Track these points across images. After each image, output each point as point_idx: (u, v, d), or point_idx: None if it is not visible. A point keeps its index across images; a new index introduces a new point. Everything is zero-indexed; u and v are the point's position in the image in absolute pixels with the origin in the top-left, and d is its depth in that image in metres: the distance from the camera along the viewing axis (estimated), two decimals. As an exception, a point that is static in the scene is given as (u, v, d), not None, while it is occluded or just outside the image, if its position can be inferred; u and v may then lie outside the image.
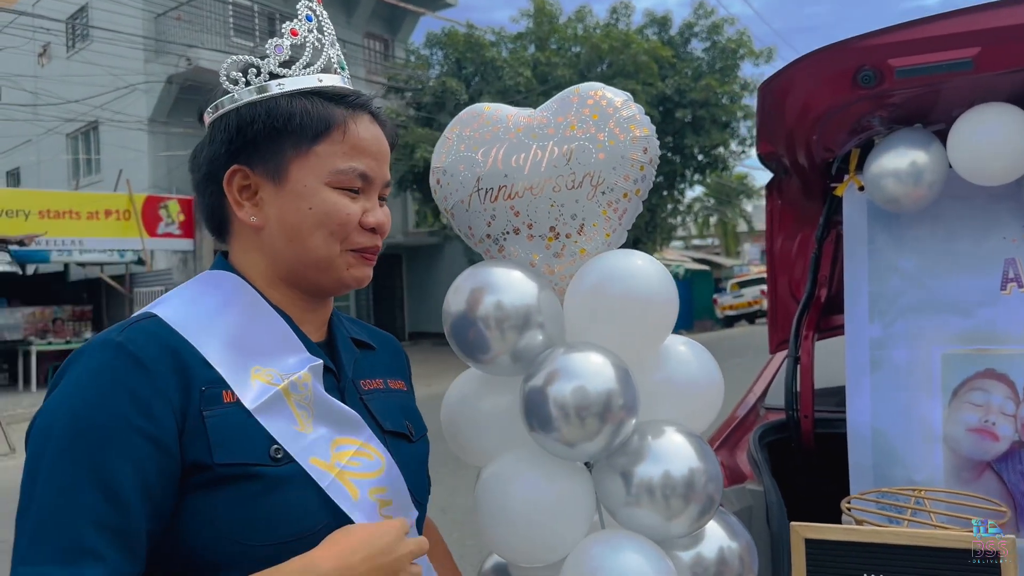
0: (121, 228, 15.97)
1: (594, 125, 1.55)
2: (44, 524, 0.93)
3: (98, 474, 0.95)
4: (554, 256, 1.59)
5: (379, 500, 1.15)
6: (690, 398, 1.63)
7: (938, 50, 2.01)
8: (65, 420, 0.98)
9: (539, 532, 1.49)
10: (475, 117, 1.66)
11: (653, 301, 1.52)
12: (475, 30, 19.93)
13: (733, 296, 29.96)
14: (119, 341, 1.03)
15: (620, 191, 1.55)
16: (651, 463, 1.46)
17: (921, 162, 2.20)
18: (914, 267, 2.38)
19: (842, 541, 1.75)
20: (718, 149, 21.21)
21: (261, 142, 1.17)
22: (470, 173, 1.60)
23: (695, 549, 1.57)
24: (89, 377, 1.00)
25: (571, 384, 1.39)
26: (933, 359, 2.30)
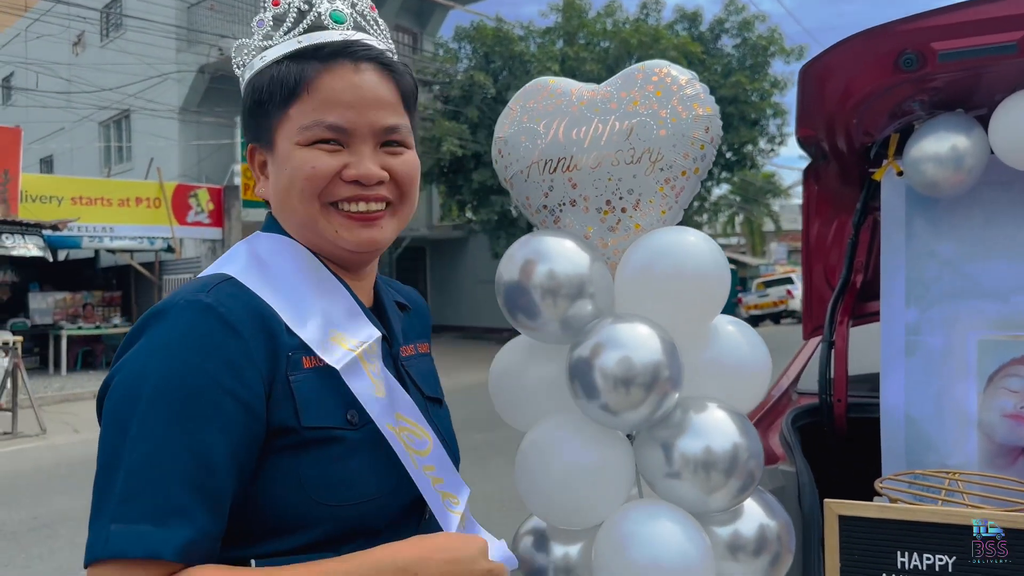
0: (151, 216, 16.16)
1: (657, 102, 1.56)
2: (135, 483, 0.92)
3: (191, 436, 0.95)
4: (608, 230, 1.61)
5: (431, 477, 1.16)
6: (737, 378, 1.64)
7: (981, 33, 2.01)
8: (156, 380, 0.97)
9: (577, 496, 1.52)
10: (539, 89, 1.68)
11: (703, 279, 1.53)
12: (504, 24, 19.92)
13: (758, 296, 29.79)
14: (208, 303, 1.02)
15: (679, 168, 1.56)
16: (693, 437, 1.48)
17: (962, 147, 2.19)
18: (951, 253, 2.37)
19: (876, 519, 1.76)
20: (747, 147, 21.09)
21: (254, 118, 1.18)
22: (531, 144, 1.62)
23: (733, 525, 1.58)
24: (180, 338, 0.99)
25: (617, 353, 1.42)
26: (969, 345, 2.30)
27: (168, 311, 1.02)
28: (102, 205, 15.66)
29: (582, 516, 1.57)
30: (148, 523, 0.91)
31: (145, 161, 17.66)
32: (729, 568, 1.59)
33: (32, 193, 14.85)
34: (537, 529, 1.71)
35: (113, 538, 0.90)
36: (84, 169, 20.35)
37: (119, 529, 0.91)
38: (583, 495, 1.52)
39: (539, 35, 20.30)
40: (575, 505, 1.54)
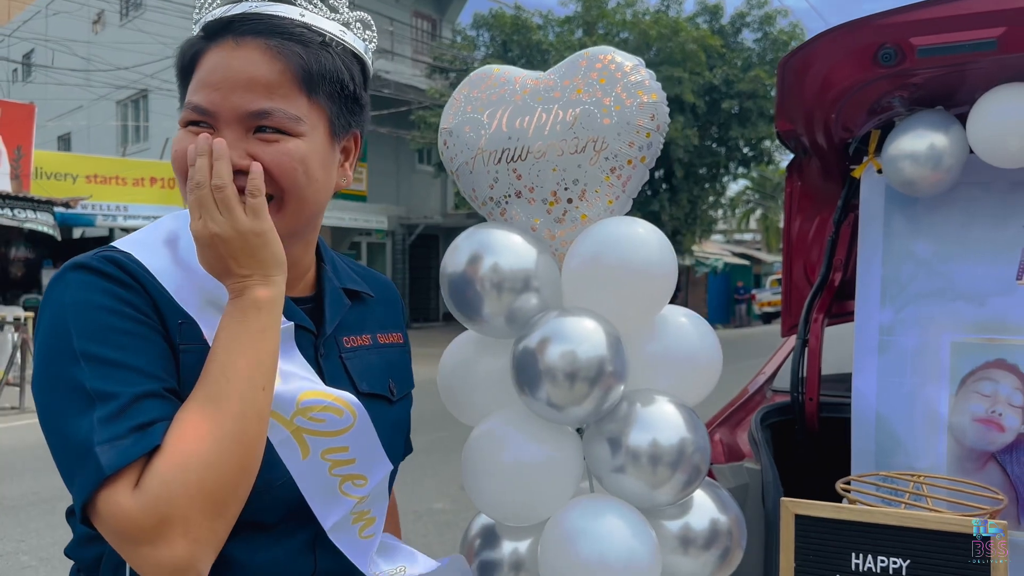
0: (165, 196, 16.25)
1: (601, 89, 1.53)
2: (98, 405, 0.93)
3: (121, 351, 0.96)
4: (555, 221, 1.59)
5: (332, 460, 1.12)
6: (686, 370, 1.62)
7: (961, 29, 1.97)
8: (67, 325, 0.97)
9: (524, 493, 1.51)
10: (483, 78, 1.66)
11: (651, 270, 1.51)
12: (522, 12, 19.86)
13: (772, 292, 29.66)
14: (90, 264, 1.01)
15: (624, 157, 1.53)
16: (639, 430, 1.46)
17: (940, 145, 2.15)
18: (929, 253, 2.33)
19: (832, 519, 1.74)
20: (764, 142, 20.95)
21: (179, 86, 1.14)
22: (475, 135, 1.60)
23: (683, 519, 1.58)
24: (74, 291, 0.99)
25: (561, 347, 1.40)
26: (942, 346, 2.27)
27: (62, 276, 1.01)
28: (116, 184, 15.76)
29: (529, 513, 1.55)
30: (130, 434, 0.91)
31: (161, 141, 17.74)
32: (679, 562, 1.58)
33: (47, 170, 14.96)
34: (487, 525, 1.70)
35: (105, 457, 0.89)
36: (101, 148, 20.46)
37: (105, 449, 0.89)
38: (530, 492, 1.51)
39: (558, 24, 20.24)
40: (522, 502, 1.52)
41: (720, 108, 19.33)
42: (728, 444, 2.55)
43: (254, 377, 0.98)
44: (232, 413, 0.95)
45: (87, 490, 0.89)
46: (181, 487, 0.89)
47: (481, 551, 1.66)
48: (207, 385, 0.96)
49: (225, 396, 0.95)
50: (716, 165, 21.15)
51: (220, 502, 0.93)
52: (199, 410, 0.94)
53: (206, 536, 0.91)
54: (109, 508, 0.89)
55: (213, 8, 1.10)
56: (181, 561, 0.89)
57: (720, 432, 2.62)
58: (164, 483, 0.89)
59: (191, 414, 0.94)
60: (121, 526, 0.89)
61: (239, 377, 0.97)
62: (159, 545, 0.88)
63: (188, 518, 0.89)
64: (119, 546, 0.92)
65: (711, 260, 28.65)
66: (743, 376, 3.24)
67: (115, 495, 0.89)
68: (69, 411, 0.93)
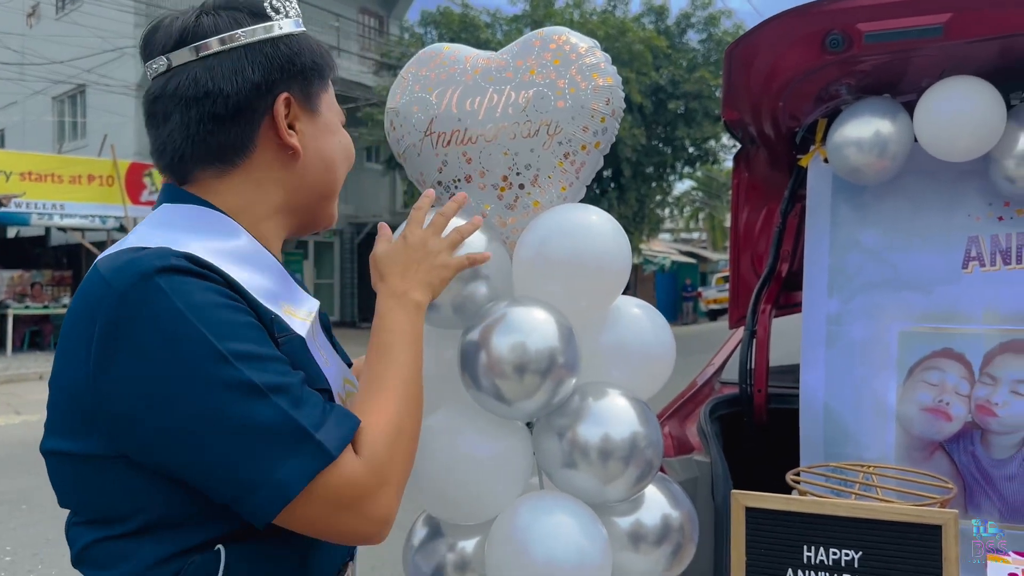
0: (104, 194, 15.81)
1: (555, 71, 1.46)
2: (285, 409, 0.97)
3: None
4: (506, 207, 1.53)
5: None
6: (640, 362, 1.58)
7: (908, 15, 1.96)
8: (197, 330, 0.93)
9: (471, 490, 1.44)
10: (432, 57, 1.59)
11: (604, 260, 1.45)
12: (470, 10, 19.79)
13: (717, 290, 30.03)
14: (179, 266, 0.97)
15: (578, 142, 1.47)
16: (591, 425, 1.41)
17: (886, 132, 2.14)
18: (876, 242, 2.32)
19: (782, 511, 1.71)
20: (709, 142, 21.17)
21: (306, 74, 1.18)
22: (423, 115, 1.53)
23: (635, 515, 1.53)
24: (181, 296, 0.94)
25: (511, 339, 1.34)
26: (890, 336, 2.26)
27: (147, 284, 0.94)
28: (52, 182, 15.27)
29: (475, 511, 1.48)
30: (329, 417, 1.01)
31: (99, 138, 17.24)
32: (630, 559, 1.53)
33: (-22, 167, 14.48)
34: (432, 523, 1.63)
35: (327, 439, 0.97)
36: (37, 144, 19.84)
37: (325, 433, 0.97)
38: (476, 489, 1.44)
39: (506, 23, 20.20)
40: (468, 499, 1.45)
41: (666, 108, 19.47)
42: (677, 437, 2.52)
43: (417, 368, 1.18)
44: (410, 397, 1.13)
45: (311, 473, 0.95)
46: (394, 453, 1.06)
47: (424, 550, 1.59)
48: (386, 375, 1.13)
49: (403, 383, 1.13)
50: (663, 164, 21.29)
51: (410, 463, 1.11)
52: (386, 394, 1.11)
53: (402, 491, 1.09)
54: (341, 479, 0.97)
55: (297, 17, 1.21)
56: (391, 512, 1.04)
57: (669, 425, 2.58)
58: (383, 450, 1.04)
59: (380, 397, 1.10)
60: (351, 491, 0.99)
61: (410, 367, 1.16)
62: (378, 501, 1.02)
63: (399, 477, 1.06)
64: (336, 512, 0.98)
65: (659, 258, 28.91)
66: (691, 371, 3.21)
67: (345, 468, 0.98)
68: (242, 409, 0.93)
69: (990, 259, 2.20)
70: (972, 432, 2.15)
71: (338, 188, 1.26)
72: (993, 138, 2.06)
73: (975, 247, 2.22)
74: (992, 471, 2.12)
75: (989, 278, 2.19)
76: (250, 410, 0.93)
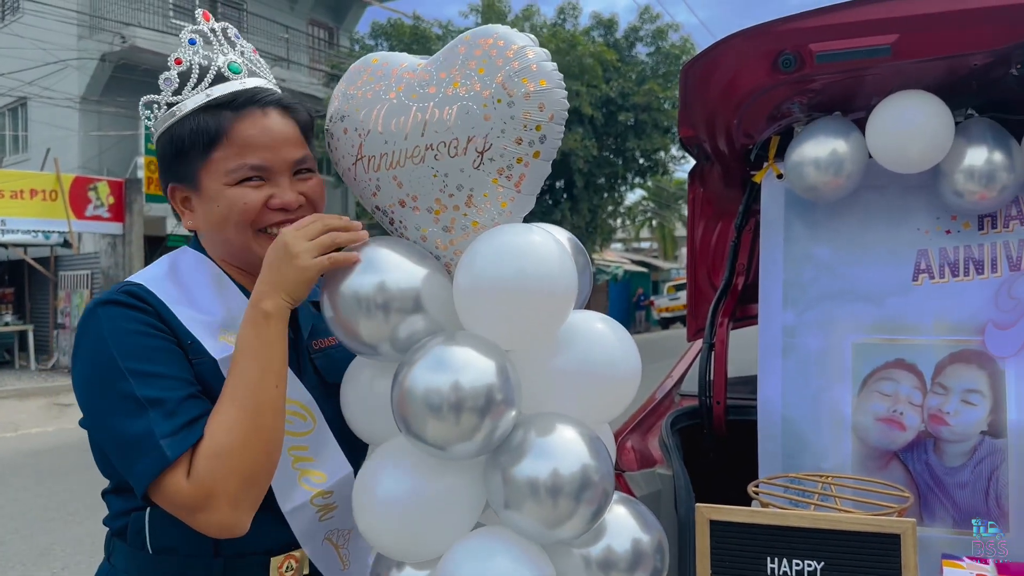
0: (47, 209, 15.43)
1: (479, 81, 1.32)
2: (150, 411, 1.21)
3: (162, 365, 1.27)
4: (443, 230, 1.42)
5: (295, 456, 1.40)
6: (605, 381, 1.48)
7: (857, 36, 2.01)
8: (113, 349, 1.25)
9: (414, 528, 1.35)
10: (360, 72, 1.47)
11: (549, 282, 1.33)
12: (421, 22, 19.79)
13: (669, 299, 30.33)
14: (116, 299, 1.30)
15: (512, 156, 1.33)
16: (534, 460, 1.29)
17: (842, 151, 2.20)
18: (829, 256, 2.38)
19: (747, 523, 1.73)
20: (659, 153, 21.43)
21: (176, 163, 1.40)
22: (354, 137, 1.43)
23: (604, 541, 1.43)
24: (108, 323, 1.27)
25: (440, 378, 1.24)
26: (845, 348, 2.31)
27: (91, 316, 1.30)
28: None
29: (419, 549, 1.39)
30: (182, 429, 1.22)
31: (42, 151, 16.86)
32: None
33: (-85, 182, 14.05)
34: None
35: (169, 448, 1.19)
36: (-25, 159, 19.35)
37: (168, 442, 1.19)
38: (420, 527, 1.35)
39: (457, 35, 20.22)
40: (411, 538, 1.36)
41: (617, 120, 19.68)
42: (639, 451, 2.54)
43: (266, 378, 1.27)
44: (251, 409, 1.24)
45: (153, 474, 1.19)
46: (220, 470, 1.20)
47: None
48: (231, 386, 1.25)
49: (244, 395, 1.24)
50: (614, 175, 21.50)
51: (250, 477, 1.23)
52: (226, 408, 1.24)
53: (244, 503, 1.23)
54: (170, 488, 1.19)
55: (205, 88, 1.39)
56: (227, 523, 1.22)
57: (631, 439, 2.60)
58: (207, 468, 1.19)
59: (221, 411, 1.24)
60: (180, 501, 1.20)
61: (255, 379, 1.26)
62: (210, 513, 1.20)
63: (227, 492, 1.20)
64: (178, 514, 1.22)
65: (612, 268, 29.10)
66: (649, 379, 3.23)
67: (174, 478, 1.19)
68: (125, 416, 1.21)
69: (939, 271, 2.27)
70: (925, 441, 2.20)
71: (237, 243, 1.39)
72: (942, 150, 2.13)
73: (924, 260, 2.29)
74: (945, 479, 2.18)
75: (938, 290, 2.26)
76: (123, 418, 1.22)
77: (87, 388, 1.28)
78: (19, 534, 5.91)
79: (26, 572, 5.16)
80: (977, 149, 2.15)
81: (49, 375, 14.98)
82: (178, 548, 1.35)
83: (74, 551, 5.52)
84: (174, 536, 1.33)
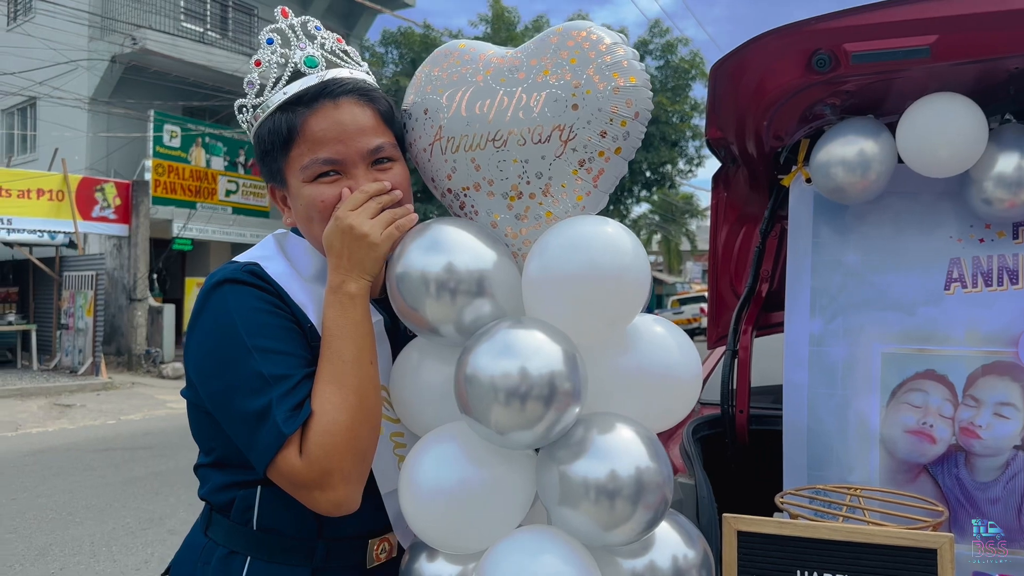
0: (54, 209, 15.43)
1: (571, 71, 1.34)
2: (273, 388, 1.25)
3: (283, 342, 1.30)
4: (516, 218, 1.42)
5: (395, 442, 1.47)
6: (665, 386, 1.45)
7: (895, 36, 1.96)
8: (238, 322, 1.28)
9: (460, 519, 1.33)
10: (447, 55, 1.49)
11: (622, 276, 1.32)
12: (431, 31, 19.83)
13: (674, 313, 30.29)
14: (241, 278, 1.32)
15: (595, 149, 1.34)
16: (593, 459, 1.26)
17: (870, 151, 2.14)
18: (858, 263, 2.32)
19: (776, 535, 1.67)
20: (666, 167, 21.43)
21: (265, 163, 1.44)
22: (433, 118, 1.44)
23: (647, 556, 1.38)
24: (233, 300, 1.30)
25: (506, 363, 1.23)
26: (873, 357, 2.25)
27: (216, 288, 1.32)
28: (1, 196, 14.87)
29: (464, 542, 1.36)
30: (297, 408, 1.24)
31: (50, 151, 16.85)
32: None
33: (-78, 179, 14.04)
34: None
35: (284, 425, 1.21)
36: (-16, 157, 19.36)
37: (284, 418, 1.22)
38: (466, 518, 1.32)
39: (466, 44, 20.27)
40: (456, 529, 1.34)
41: (625, 132, 19.69)
42: (661, 459, 2.47)
43: (362, 356, 1.30)
44: (354, 387, 1.27)
45: (273, 450, 1.22)
46: (334, 448, 1.23)
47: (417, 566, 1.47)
48: (329, 368, 1.28)
49: (344, 373, 1.27)
50: (621, 188, 21.49)
51: (360, 452, 1.27)
52: (330, 387, 1.26)
53: (356, 478, 1.27)
54: (285, 465, 1.22)
55: (283, 87, 1.40)
56: (342, 499, 1.25)
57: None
58: (321, 445, 1.22)
59: (326, 390, 1.26)
60: (297, 479, 1.23)
61: (352, 358, 1.29)
62: (326, 490, 1.23)
63: (342, 468, 1.24)
64: (295, 493, 1.25)
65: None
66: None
67: (288, 456, 1.22)
68: (249, 393, 1.24)
69: (972, 281, 2.20)
70: (956, 455, 2.14)
71: (315, 235, 1.40)
72: (974, 155, 2.06)
73: (957, 269, 2.22)
74: (976, 494, 2.11)
75: (971, 300, 2.19)
76: (246, 394, 1.24)
77: (207, 362, 1.31)
78: (17, 534, 5.85)
79: (24, 572, 5.09)
80: (1009, 156, 2.09)
81: (51, 375, 14.92)
82: (284, 529, 1.37)
83: (72, 551, 5.46)
84: (283, 517, 1.36)
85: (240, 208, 18.75)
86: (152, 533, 5.86)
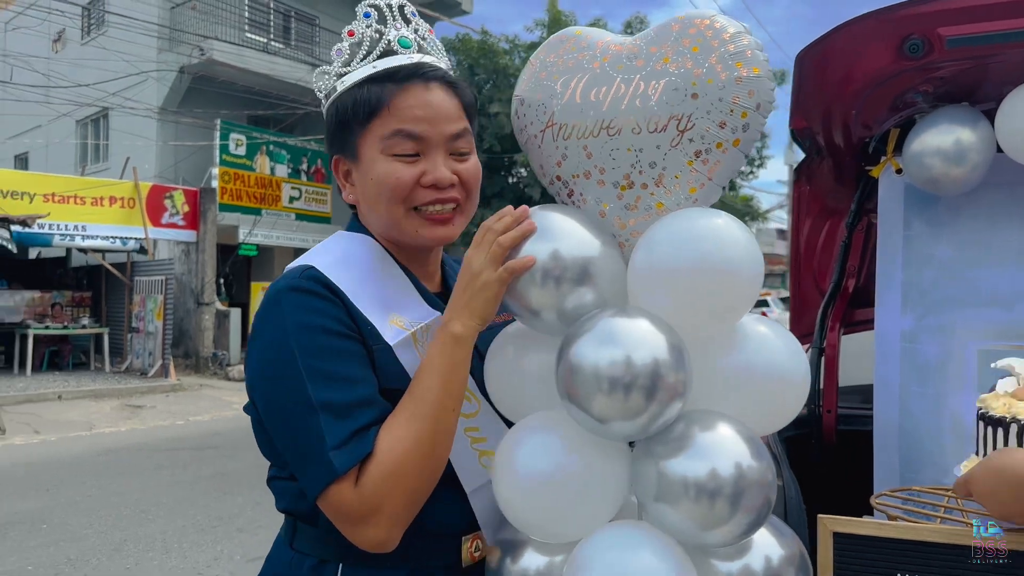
0: (125, 216, 15.84)
1: (692, 59, 1.29)
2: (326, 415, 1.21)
3: (341, 364, 1.25)
4: (626, 208, 1.38)
5: (471, 437, 1.41)
6: (772, 388, 1.38)
7: (993, 19, 1.88)
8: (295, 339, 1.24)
9: (554, 506, 1.30)
10: (563, 41, 1.47)
11: (734, 270, 1.28)
12: (489, 37, 19.89)
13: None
14: (302, 286, 1.28)
15: (713, 140, 1.30)
16: (693, 457, 1.22)
17: (967, 140, 2.06)
18: (951, 257, 2.23)
19: (874, 536, 1.60)
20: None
21: (340, 133, 1.40)
22: (547, 105, 1.42)
23: (743, 559, 1.33)
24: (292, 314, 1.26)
25: (610, 352, 1.20)
26: (968, 354, 2.16)
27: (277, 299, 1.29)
28: (75, 203, 15.32)
29: (557, 530, 1.34)
30: (352, 439, 1.20)
31: (121, 160, 17.32)
32: None
33: (3, 188, 14.51)
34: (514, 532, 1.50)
35: (337, 459, 1.18)
36: (59, 167, 19.96)
37: (337, 453, 1.18)
38: (560, 506, 1.30)
39: (524, 49, 20.29)
40: (550, 517, 1.31)
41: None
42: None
43: (447, 401, 1.26)
44: (429, 431, 1.23)
45: (322, 484, 1.19)
46: (390, 488, 1.20)
47: (505, 559, 1.43)
48: (412, 404, 1.25)
49: (423, 416, 1.24)
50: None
51: (417, 498, 1.24)
52: (405, 425, 1.23)
53: (403, 521, 1.23)
54: (337, 499, 1.20)
55: (372, 60, 1.40)
56: (383, 539, 1.22)
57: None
58: (377, 485, 1.19)
59: (398, 427, 1.23)
60: (344, 513, 1.21)
61: (436, 401, 1.25)
62: (370, 528, 1.21)
63: (393, 510, 1.21)
64: (338, 523, 1.23)
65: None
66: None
67: (341, 491, 1.19)
68: (299, 417, 1.22)
69: (1074, 275, 2.11)
70: (1060, 456, 2.04)
71: (387, 219, 1.38)
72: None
73: (1057, 262, 2.13)
74: (1083, 497, 2.00)
75: (1074, 294, 2.09)
76: (301, 419, 1.22)
77: (262, 379, 1.29)
78: (93, 529, 6.00)
79: (100, 566, 5.21)
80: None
81: (122, 377, 15.31)
82: None
83: (146, 548, 5.57)
84: None
85: (303, 214, 19.03)
86: (221, 531, 5.95)
